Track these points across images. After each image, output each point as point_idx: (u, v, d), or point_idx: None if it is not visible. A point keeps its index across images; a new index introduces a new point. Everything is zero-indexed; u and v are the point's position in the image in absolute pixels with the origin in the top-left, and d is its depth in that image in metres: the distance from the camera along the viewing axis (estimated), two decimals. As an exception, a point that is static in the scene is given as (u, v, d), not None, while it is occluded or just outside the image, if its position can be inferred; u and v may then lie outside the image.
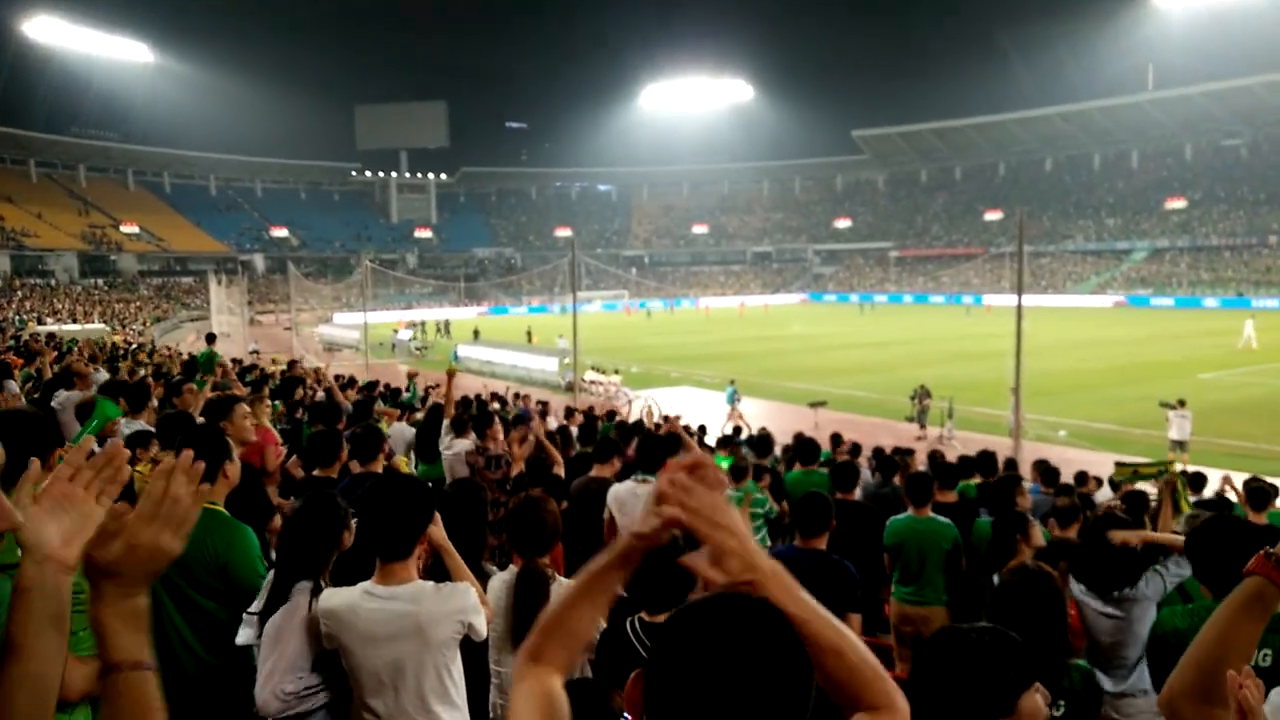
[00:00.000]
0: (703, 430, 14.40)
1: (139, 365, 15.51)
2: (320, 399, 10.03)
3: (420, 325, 51.86)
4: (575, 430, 10.36)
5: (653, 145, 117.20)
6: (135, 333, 45.40)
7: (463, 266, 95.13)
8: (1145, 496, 6.63)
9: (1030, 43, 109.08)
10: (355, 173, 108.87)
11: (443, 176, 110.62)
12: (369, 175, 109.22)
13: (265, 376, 13.32)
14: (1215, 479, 9.42)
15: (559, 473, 6.94)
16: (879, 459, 9.97)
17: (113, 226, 79.47)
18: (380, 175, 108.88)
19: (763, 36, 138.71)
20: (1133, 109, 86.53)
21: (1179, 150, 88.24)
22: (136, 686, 1.22)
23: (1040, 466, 8.64)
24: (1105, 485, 10.05)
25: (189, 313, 66.25)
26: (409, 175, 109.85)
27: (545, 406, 17.67)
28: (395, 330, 47.21)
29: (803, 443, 8.48)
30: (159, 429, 5.77)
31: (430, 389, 16.69)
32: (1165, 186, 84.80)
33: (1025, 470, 10.14)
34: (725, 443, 11.34)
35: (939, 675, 1.75)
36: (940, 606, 6.04)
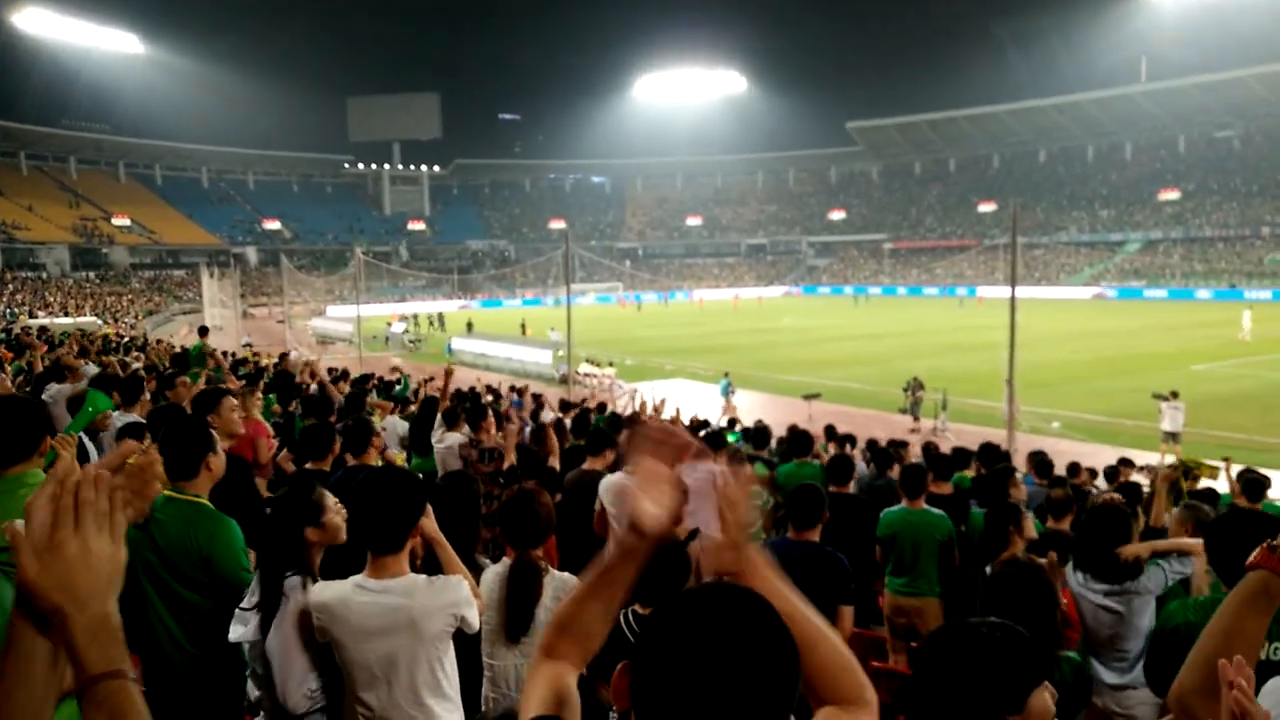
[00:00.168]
0: (696, 424, 14.38)
1: (129, 360, 15.43)
2: (314, 392, 10.00)
3: (413, 318, 51.77)
4: (569, 423, 10.34)
5: (647, 137, 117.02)
6: (127, 326, 45.24)
7: (456, 259, 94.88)
8: (1139, 488, 6.63)
9: (1024, 34, 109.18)
10: (348, 165, 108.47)
11: (436, 168, 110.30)
12: (361, 167, 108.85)
13: (260, 370, 13.27)
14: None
15: (554, 464, 6.93)
16: (874, 451, 9.98)
17: (104, 219, 79.14)
18: (373, 167, 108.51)
19: (756, 28, 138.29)
20: (1126, 101, 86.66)
21: (1172, 142, 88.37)
22: (117, 695, 1.19)
23: (1035, 458, 8.64)
24: (1104, 476, 10.09)
25: (181, 306, 66.02)
26: (402, 167, 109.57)
27: (540, 399, 17.63)
28: (389, 323, 47.12)
29: (796, 435, 8.48)
30: (150, 422, 5.74)
31: (424, 382, 16.66)
32: (1158, 178, 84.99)
33: (1018, 462, 10.16)
34: (719, 436, 11.32)
35: (947, 671, 1.69)
36: (934, 598, 6.04)
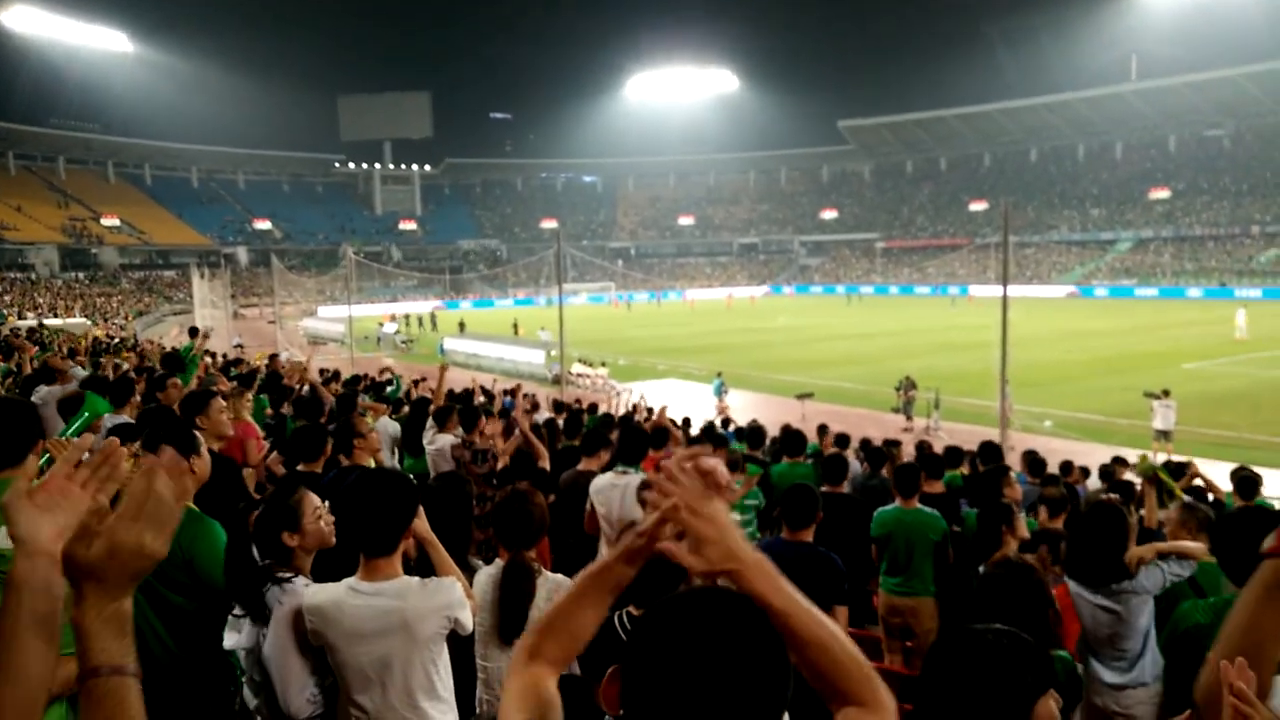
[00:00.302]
0: (687, 422, 14.38)
1: (120, 360, 15.36)
2: (305, 393, 9.95)
3: (405, 319, 51.71)
4: (561, 424, 10.33)
5: (638, 136, 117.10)
6: (117, 327, 45.05)
7: (448, 258, 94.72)
8: (1133, 486, 6.64)
9: (1014, 33, 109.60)
10: (339, 164, 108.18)
11: (427, 168, 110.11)
12: (352, 167, 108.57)
13: (253, 372, 13.20)
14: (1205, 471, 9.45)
15: (544, 466, 6.90)
16: (867, 451, 9.98)
17: (93, 219, 78.77)
18: (364, 167, 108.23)
19: (747, 26, 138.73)
20: (1116, 100, 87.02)
21: (1162, 141, 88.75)
22: (116, 691, 1.20)
23: (1028, 457, 8.65)
24: (1095, 475, 10.10)
25: (172, 306, 65.80)
26: (393, 167, 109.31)
27: (533, 400, 17.60)
28: (380, 324, 47.07)
29: (789, 435, 8.47)
30: (140, 424, 5.70)
31: (416, 383, 16.62)
32: (1149, 177, 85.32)
33: (1011, 461, 10.18)
34: (712, 434, 11.31)
35: (952, 678, 1.67)
36: (928, 597, 6.04)
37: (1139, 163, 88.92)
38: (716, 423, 15.22)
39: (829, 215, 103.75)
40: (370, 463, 5.66)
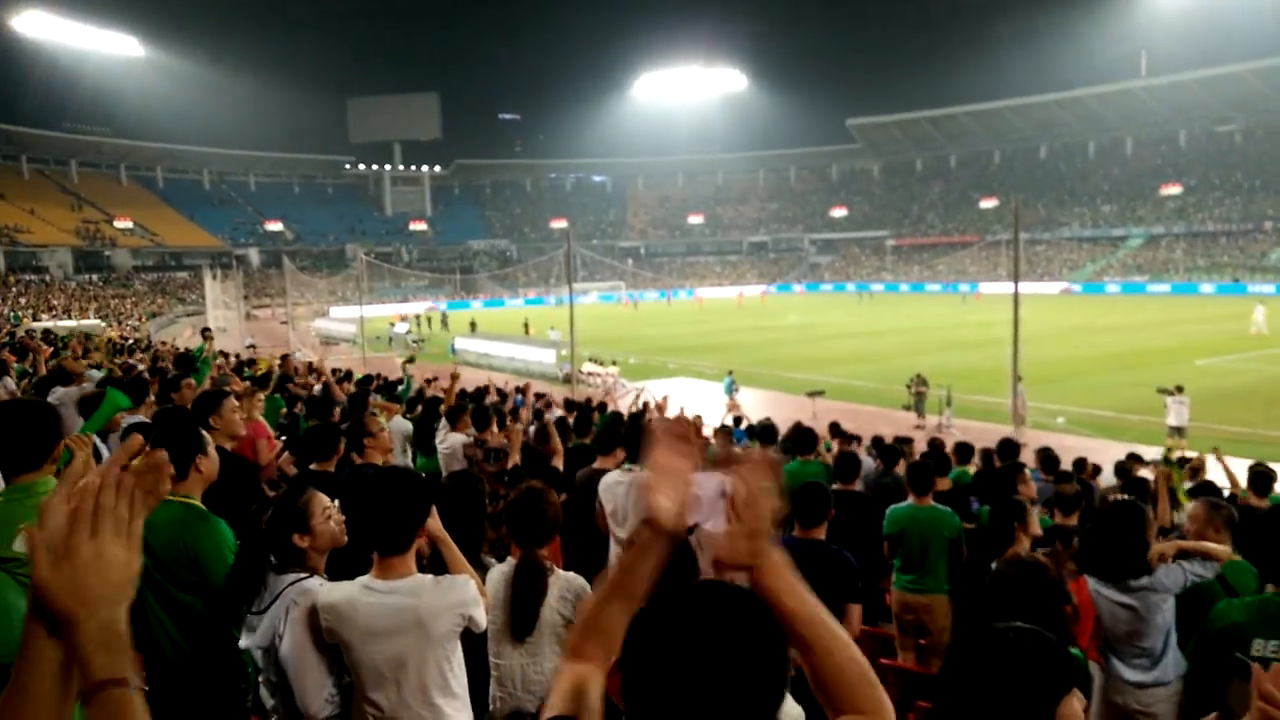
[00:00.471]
0: (699, 420, 14.36)
1: (134, 361, 15.43)
2: (317, 393, 9.99)
3: (415, 319, 51.82)
4: (571, 422, 10.32)
5: (647, 136, 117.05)
6: (131, 328, 45.30)
7: (458, 259, 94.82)
8: (1147, 483, 6.61)
9: (1024, 30, 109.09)
10: (349, 166, 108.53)
11: (436, 169, 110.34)
12: (363, 168, 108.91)
13: (269, 374, 13.25)
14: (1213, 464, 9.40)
15: (558, 464, 6.91)
16: (880, 448, 9.96)
17: (106, 222, 79.21)
18: (374, 168, 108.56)
19: (756, 25, 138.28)
20: (1127, 96, 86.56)
21: (1173, 137, 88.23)
22: (117, 703, 1.18)
23: (1042, 454, 8.62)
24: (1112, 472, 10.05)
25: (185, 308, 66.12)
26: (403, 168, 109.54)
27: (546, 399, 17.59)
28: (391, 324, 47.19)
29: (800, 433, 8.44)
30: (154, 424, 5.73)
31: (429, 382, 16.63)
32: (1160, 173, 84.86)
33: (1024, 457, 10.13)
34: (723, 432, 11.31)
35: (974, 678, 1.64)
36: (942, 595, 6.02)
37: (1150, 159, 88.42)
38: (728, 421, 15.22)
39: (839, 213, 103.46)
40: (381, 462, 5.67)
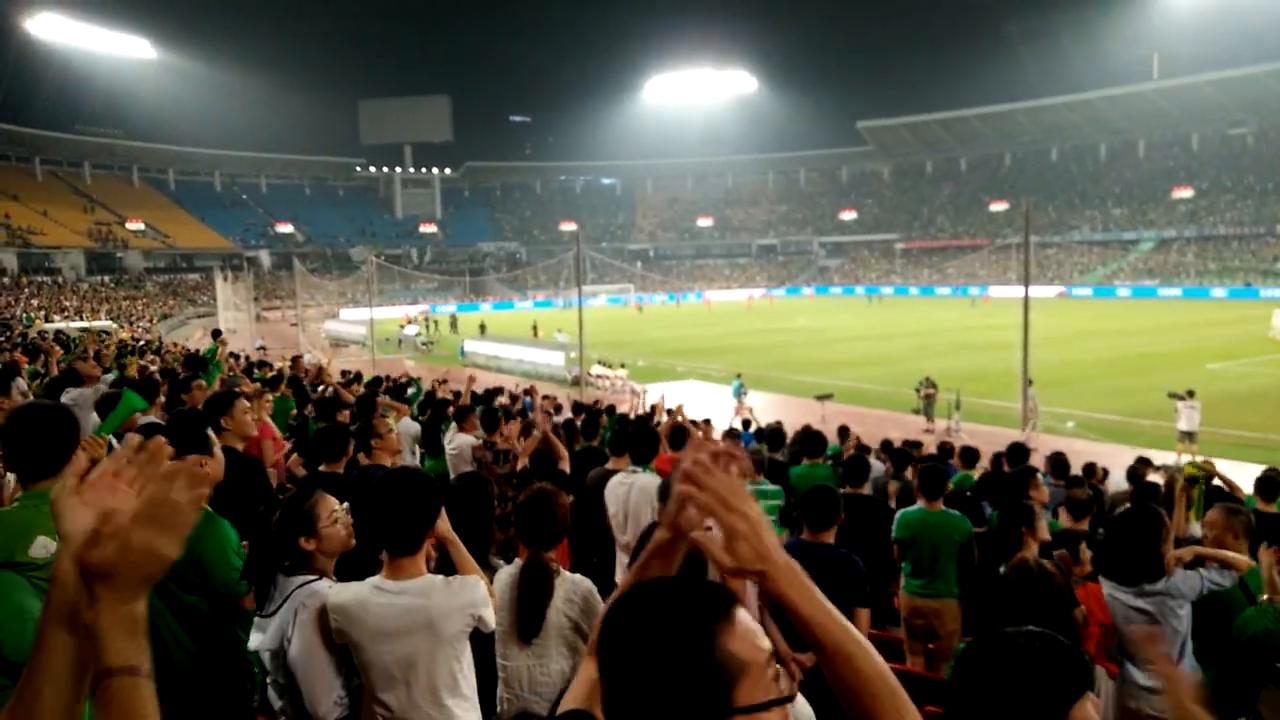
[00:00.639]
0: (707, 423, 14.36)
1: (145, 363, 15.51)
2: (329, 394, 10.03)
3: (425, 320, 51.95)
4: (579, 425, 10.35)
5: (657, 138, 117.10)
6: (142, 329, 45.52)
7: (468, 261, 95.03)
8: (1157, 488, 6.57)
9: (1035, 32, 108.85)
10: (359, 168, 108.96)
11: (447, 171, 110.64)
12: (373, 170, 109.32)
13: (280, 375, 13.30)
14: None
15: (564, 468, 6.92)
16: (890, 451, 9.94)
17: (118, 224, 79.68)
18: (384, 170, 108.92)
19: (766, 27, 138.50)
20: (1138, 98, 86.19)
21: (1185, 140, 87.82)
22: (128, 692, 1.19)
23: (1054, 458, 8.57)
24: (1124, 476, 10.00)
25: (196, 309, 66.39)
26: (413, 170, 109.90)
27: (555, 402, 17.61)
28: (401, 325, 47.32)
29: (809, 436, 8.43)
30: (168, 425, 5.76)
31: (438, 383, 16.68)
32: (1172, 176, 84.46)
33: (1032, 462, 10.10)
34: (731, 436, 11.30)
35: (985, 682, 1.62)
36: (952, 599, 6.01)
37: (1161, 162, 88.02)
38: (737, 424, 15.20)
39: (848, 216, 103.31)
40: (389, 463, 5.69)
